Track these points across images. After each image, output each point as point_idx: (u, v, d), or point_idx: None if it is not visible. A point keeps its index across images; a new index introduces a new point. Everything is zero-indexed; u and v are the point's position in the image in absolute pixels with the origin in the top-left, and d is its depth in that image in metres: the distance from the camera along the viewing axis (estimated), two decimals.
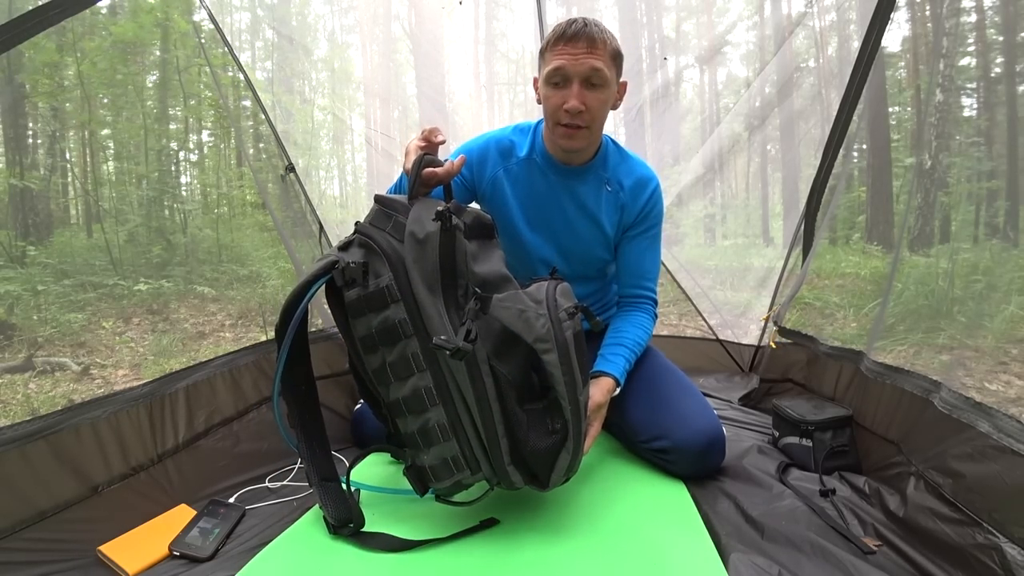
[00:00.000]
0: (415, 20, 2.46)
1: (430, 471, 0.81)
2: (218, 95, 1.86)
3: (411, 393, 0.78)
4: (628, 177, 1.15)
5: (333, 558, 0.81)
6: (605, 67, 1.00)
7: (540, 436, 0.79)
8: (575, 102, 1.00)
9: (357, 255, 0.79)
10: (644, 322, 1.18)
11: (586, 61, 0.99)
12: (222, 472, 1.07)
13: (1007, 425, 0.75)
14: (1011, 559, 0.65)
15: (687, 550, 0.81)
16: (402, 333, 0.76)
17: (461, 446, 0.79)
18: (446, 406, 0.78)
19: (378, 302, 0.76)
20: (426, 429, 0.79)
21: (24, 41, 0.89)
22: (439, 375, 0.77)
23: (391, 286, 0.75)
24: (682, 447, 1.02)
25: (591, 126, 1.05)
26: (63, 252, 2.90)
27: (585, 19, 1.01)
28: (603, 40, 1.00)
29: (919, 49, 3.52)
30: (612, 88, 1.04)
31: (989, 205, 3.06)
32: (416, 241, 0.75)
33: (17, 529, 0.78)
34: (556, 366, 0.76)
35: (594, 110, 1.02)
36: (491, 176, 1.16)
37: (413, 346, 0.76)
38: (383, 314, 0.76)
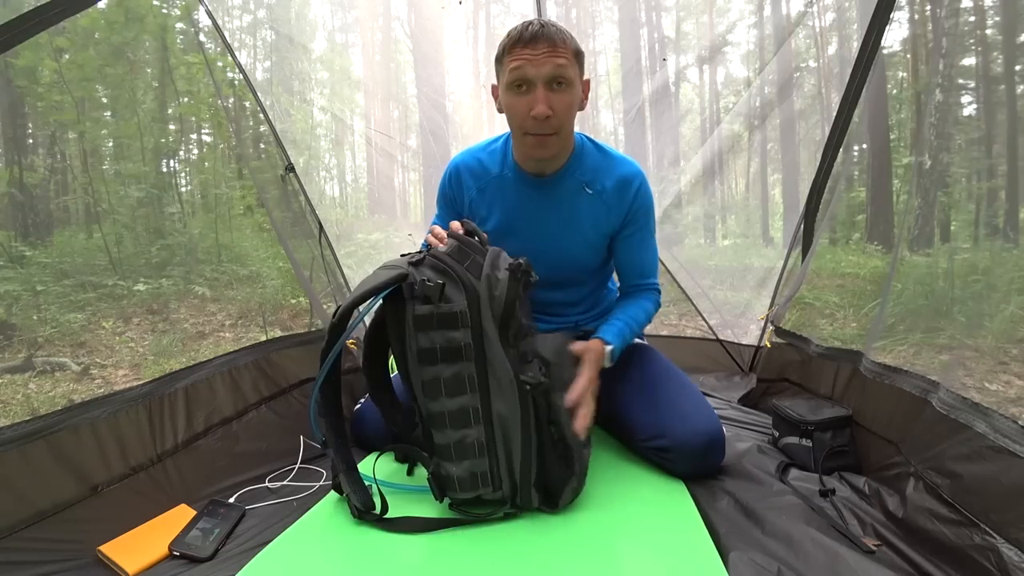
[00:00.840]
0: (415, 20, 2.46)
1: (456, 481, 0.87)
2: (217, 95, 1.86)
3: (458, 409, 0.86)
4: (609, 177, 1.11)
5: (333, 558, 0.81)
6: (569, 65, 0.98)
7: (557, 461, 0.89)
8: (542, 107, 0.96)
9: (430, 275, 0.85)
10: (644, 303, 1.19)
11: (549, 61, 0.96)
12: (222, 472, 1.07)
13: (1004, 426, 0.75)
14: (1008, 560, 0.65)
15: (687, 549, 0.81)
16: (464, 355, 0.84)
17: (491, 464, 0.87)
18: (487, 427, 0.86)
19: (450, 323, 0.84)
20: (463, 444, 0.86)
21: (24, 41, 0.89)
22: (486, 399, 0.86)
23: (465, 312, 0.83)
24: (682, 446, 1.02)
25: (560, 131, 1.02)
26: (63, 252, 2.89)
27: (541, 21, 0.99)
28: (563, 39, 0.98)
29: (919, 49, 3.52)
30: (577, 88, 1.01)
31: (989, 205, 3.06)
32: (492, 282, 0.85)
33: (17, 529, 0.79)
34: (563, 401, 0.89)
35: (561, 114, 0.99)
36: (468, 199, 1.17)
37: (470, 369, 0.84)
38: (451, 334, 0.84)
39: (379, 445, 1.15)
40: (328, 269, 1.86)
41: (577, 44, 1.01)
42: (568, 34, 1.00)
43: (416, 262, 0.87)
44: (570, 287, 1.23)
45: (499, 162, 1.14)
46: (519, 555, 0.80)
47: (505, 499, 0.89)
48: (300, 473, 1.12)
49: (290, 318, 2.88)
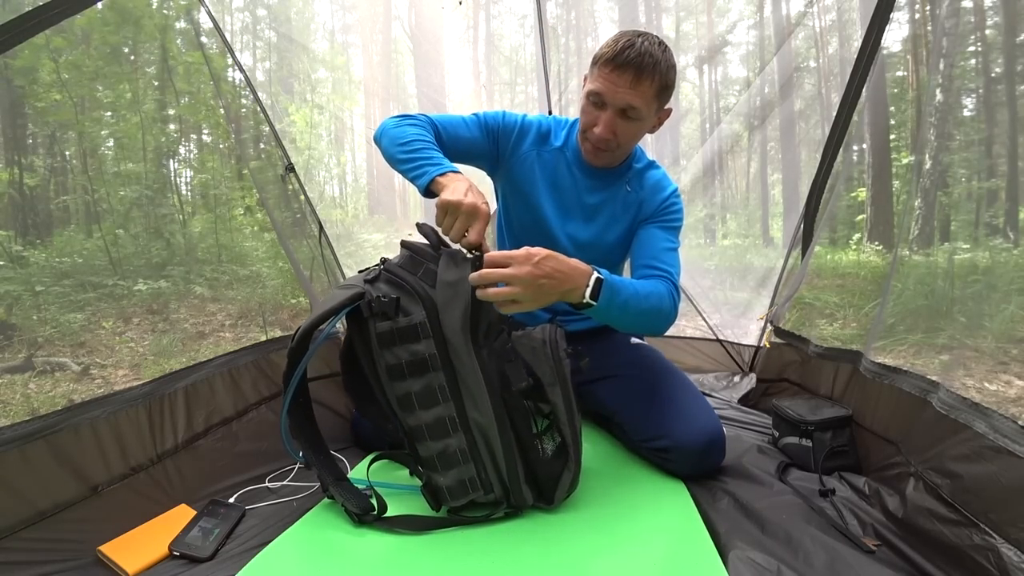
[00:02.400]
0: (415, 20, 2.46)
1: (447, 491, 0.88)
2: (217, 95, 1.86)
3: (434, 421, 0.86)
4: (649, 179, 1.18)
5: (333, 558, 0.81)
6: (643, 105, 0.98)
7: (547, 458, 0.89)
8: (603, 131, 1.00)
9: (386, 290, 0.85)
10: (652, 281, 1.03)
11: (624, 96, 0.97)
12: (222, 472, 1.07)
13: (1003, 426, 0.75)
14: (1007, 560, 0.65)
15: (687, 549, 0.81)
16: (431, 367, 0.84)
17: (478, 469, 0.87)
18: (466, 434, 0.86)
19: (410, 336, 0.83)
20: (446, 454, 0.86)
21: (24, 41, 0.89)
22: (461, 406, 0.85)
23: (424, 323, 0.83)
24: (682, 446, 1.02)
25: (616, 151, 1.07)
26: (63, 252, 2.89)
27: (644, 44, 0.95)
28: (652, 75, 0.95)
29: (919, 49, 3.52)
30: (648, 120, 1.03)
31: (989, 205, 3.06)
32: (448, 286, 0.83)
33: (17, 529, 0.78)
34: (559, 398, 0.87)
35: (623, 140, 1.03)
36: (524, 153, 1.17)
37: (440, 379, 0.84)
38: (414, 348, 0.84)
39: (380, 445, 1.16)
40: (328, 269, 1.86)
41: (669, 77, 0.99)
42: (664, 66, 0.97)
43: (372, 279, 0.87)
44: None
45: (564, 138, 1.18)
46: (519, 555, 0.80)
47: (499, 500, 0.89)
48: (300, 473, 1.12)
49: (290, 318, 2.88)
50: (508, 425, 0.85)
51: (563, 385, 0.88)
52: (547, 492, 0.90)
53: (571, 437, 0.89)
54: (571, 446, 0.89)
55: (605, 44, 1.00)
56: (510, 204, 1.25)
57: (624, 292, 0.92)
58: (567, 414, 0.89)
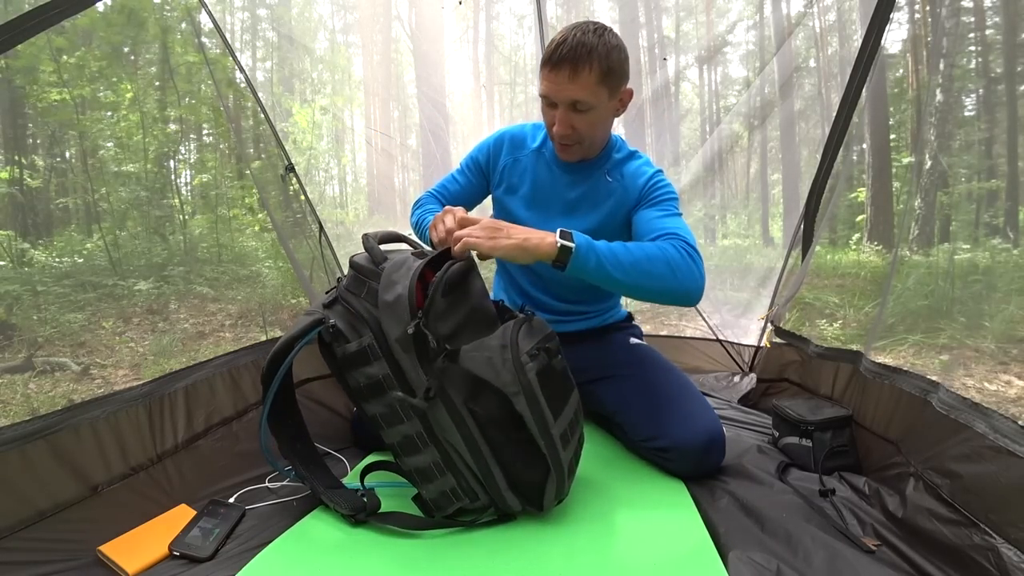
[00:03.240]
0: (415, 20, 2.46)
1: (432, 503, 0.88)
2: (218, 95, 1.86)
3: (403, 439, 0.85)
4: (629, 168, 1.19)
5: (333, 558, 0.81)
6: (587, 94, 1.00)
7: (528, 465, 0.85)
8: (560, 128, 1.04)
9: (338, 315, 0.85)
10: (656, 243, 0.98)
11: (566, 92, 1.00)
12: (222, 472, 1.07)
13: (1003, 426, 0.75)
14: (1007, 560, 0.65)
15: (687, 549, 0.81)
16: (387, 387, 0.83)
17: (457, 480, 0.86)
18: (438, 447, 0.84)
19: (362, 360, 0.83)
20: (422, 468, 0.86)
21: (24, 41, 0.89)
22: (426, 421, 0.83)
23: (372, 345, 0.82)
24: (682, 446, 1.02)
25: (582, 142, 1.09)
26: (63, 252, 2.90)
27: (577, 36, 0.96)
28: (588, 63, 0.97)
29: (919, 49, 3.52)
30: (604, 106, 1.05)
31: (989, 205, 3.06)
32: (387, 306, 0.81)
33: (17, 529, 0.79)
34: (525, 408, 0.81)
35: (583, 131, 1.06)
36: (503, 165, 1.24)
37: (399, 398, 0.82)
38: (368, 370, 0.83)
39: (380, 444, 1.15)
40: (328, 269, 1.86)
41: (611, 60, 0.99)
42: (601, 51, 0.97)
43: (329, 303, 0.87)
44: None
45: (540, 140, 1.23)
46: (519, 555, 0.80)
47: (487, 506, 0.88)
48: None
49: (290, 318, 2.88)
50: (475, 437, 0.82)
51: (528, 393, 0.80)
52: (533, 499, 0.88)
53: (547, 448, 0.82)
54: (548, 457, 0.83)
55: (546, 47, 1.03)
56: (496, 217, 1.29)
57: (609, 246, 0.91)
58: (538, 424, 0.81)
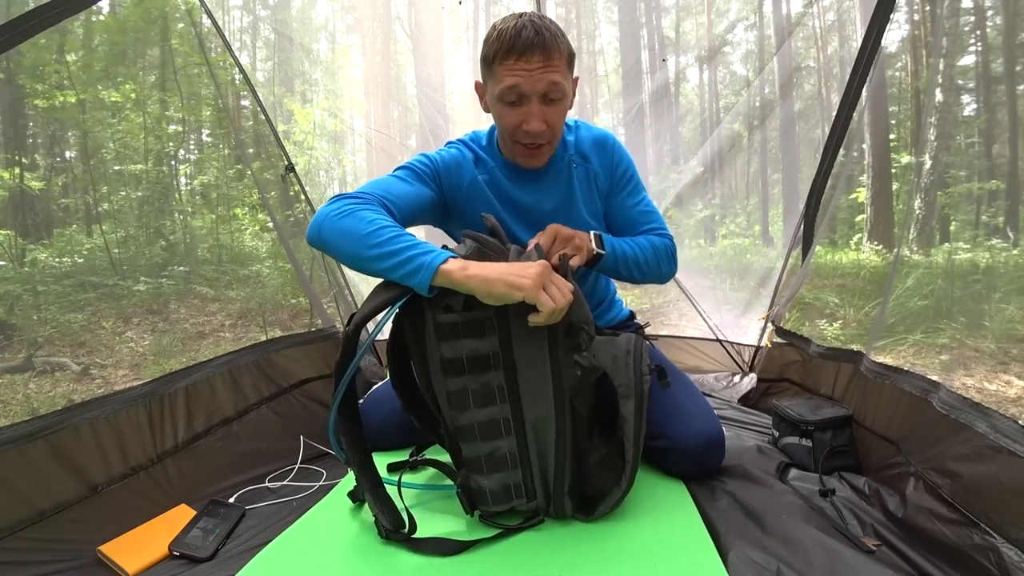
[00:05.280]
0: (415, 20, 2.46)
1: (489, 495, 0.84)
2: (218, 95, 1.87)
3: (488, 421, 0.82)
4: (586, 144, 1.10)
5: (333, 558, 0.81)
6: (563, 78, 0.92)
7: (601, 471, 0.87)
8: (537, 124, 0.93)
9: None
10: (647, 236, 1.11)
11: (543, 77, 0.90)
12: (222, 472, 1.07)
13: (1004, 425, 0.75)
14: (1007, 560, 0.65)
15: (687, 549, 0.81)
16: (492, 365, 0.80)
17: (524, 475, 0.84)
18: (519, 437, 0.82)
19: (475, 331, 0.79)
20: (495, 456, 0.83)
21: (24, 41, 0.89)
22: (518, 408, 0.81)
23: (491, 319, 0.78)
24: (682, 447, 1.02)
25: (553, 140, 1.00)
26: (63, 252, 2.90)
27: (533, 21, 0.90)
28: (557, 47, 0.91)
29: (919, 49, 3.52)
30: (569, 95, 0.98)
31: (989, 205, 3.06)
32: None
33: (17, 529, 0.79)
34: (631, 413, 0.83)
35: (555, 125, 0.97)
36: (469, 182, 1.07)
37: (499, 378, 0.80)
38: (476, 343, 0.79)
39: (381, 444, 1.15)
40: (328, 269, 1.86)
41: (569, 45, 0.95)
42: (560, 35, 0.93)
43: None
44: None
45: (489, 156, 1.09)
46: (518, 555, 0.79)
47: (539, 509, 0.86)
48: (300, 473, 1.12)
49: (290, 318, 2.88)
50: (567, 432, 0.82)
51: (639, 400, 0.83)
52: (591, 506, 0.87)
53: (632, 454, 0.84)
54: (630, 463, 0.84)
55: (491, 39, 0.93)
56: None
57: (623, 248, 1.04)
58: (635, 430, 0.83)
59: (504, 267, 0.76)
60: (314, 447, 1.21)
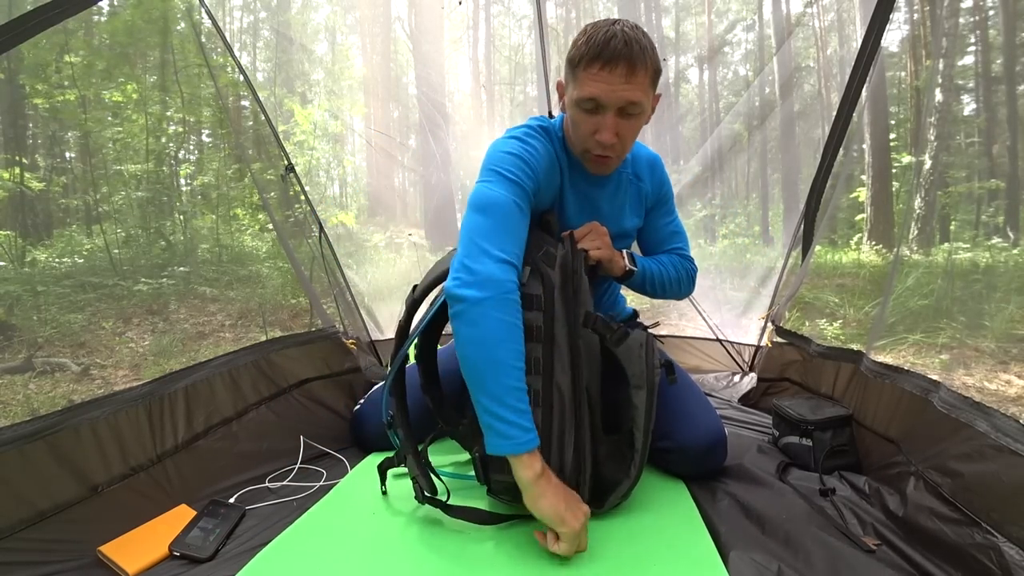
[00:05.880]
0: (415, 20, 2.46)
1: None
2: (218, 96, 1.87)
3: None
4: (639, 161, 1.15)
5: (333, 558, 0.81)
6: (643, 96, 0.90)
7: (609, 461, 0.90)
8: (608, 135, 0.91)
9: None
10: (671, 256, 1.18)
11: (623, 94, 0.88)
12: (222, 472, 1.07)
13: (1005, 424, 0.75)
14: (1009, 559, 0.65)
15: (687, 549, 0.81)
16: (535, 337, 0.86)
17: (544, 447, 0.82)
18: (546, 411, 0.86)
19: (527, 303, 0.85)
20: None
21: (24, 41, 0.89)
22: (548, 382, 0.86)
23: (539, 296, 0.87)
24: (684, 447, 1.02)
25: (623, 154, 0.98)
26: (63, 252, 2.90)
27: (625, 31, 0.87)
28: (644, 62, 0.87)
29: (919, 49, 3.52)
30: (648, 110, 0.95)
31: (989, 205, 3.06)
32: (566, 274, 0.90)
33: (17, 529, 0.78)
34: (643, 402, 0.89)
35: (627, 139, 0.95)
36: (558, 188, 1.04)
37: (538, 351, 0.86)
38: (526, 315, 0.85)
39: (382, 445, 1.15)
40: (328, 269, 1.86)
41: (658, 60, 0.92)
42: (650, 48, 0.89)
43: None
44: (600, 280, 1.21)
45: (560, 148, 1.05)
46: (517, 555, 0.80)
47: None
48: (300, 473, 1.12)
49: (290, 318, 2.89)
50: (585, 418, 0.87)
51: (650, 391, 0.89)
52: (601, 496, 0.90)
53: (642, 443, 0.89)
54: (639, 452, 0.89)
55: (580, 42, 0.90)
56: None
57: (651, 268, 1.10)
58: (646, 419, 0.89)
59: (562, 499, 0.77)
60: (314, 447, 1.21)
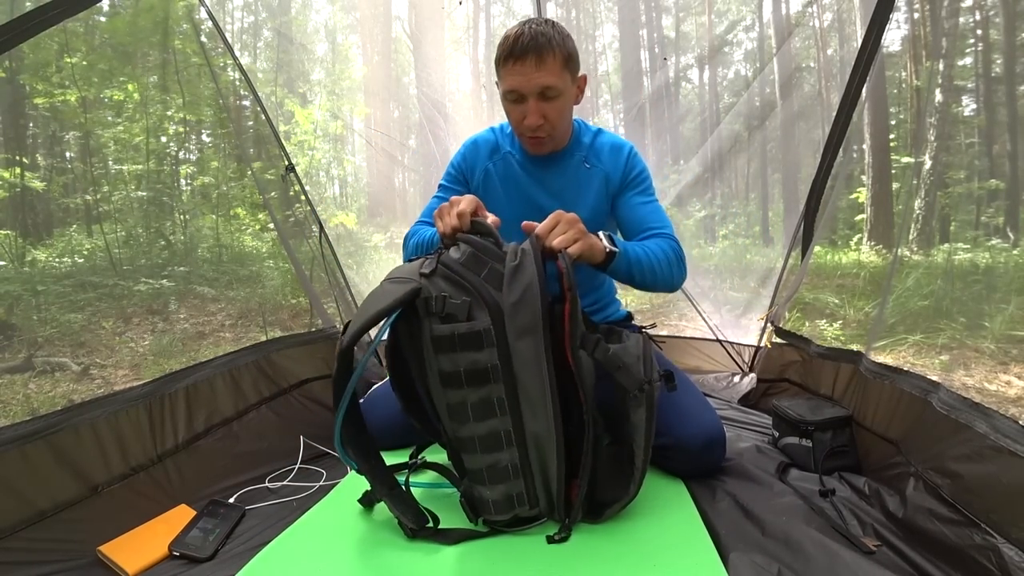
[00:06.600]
0: (415, 20, 2.46)
1: (492, 504, 0.83)
2: (218, 95, 1.87)
3: (488, 433, 0.80)
4: (603, 149, 1.19)
5: (333, 558, 0.81)
6: (556, 79, 1.01)
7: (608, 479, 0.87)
8: (533, 119, 1.04)
9: (443, 287, 0.78)
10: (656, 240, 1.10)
11: (536, 80, 1.00)
12: (222, 472, 1.07)
13: (1004, 426, 0.75)
14: (1008, 560, 0.65)
15: (687, 549, 0.81)
16: (492, 378, 0.78)
17: (527, 485, 0.83)
18: (520, 448, 0.81)
19: (474, 343, 0.77)
20: (496, 468, 0.81)
21: (25, 41, 0.89)
22: (518, 420, 0.80)
23: (489, 330, 0.76)
24: (682, 445, 1.02)
25: (553, 132, 1.09)
26: (63, 252, 2.90)
27: (531, 27, 1.00)
28: (551, 50, 0.99)
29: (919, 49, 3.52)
30: (569, 92, 1.06)
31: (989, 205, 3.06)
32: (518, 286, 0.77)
33: (17, 529, 0.79)
34: (642, 421, 0.83)
35: (553, 119, 1.06)
36: (482, 170, 1.22)
37: (499, 391, 0.78)
38: (475, 356, 0.77)
39: (381, 444, 1.15)
40: (328, 269, 1.86)
41: (568, 47, 1.03)
42: (558, 39, 1.01)
43: (428, 272, 0.79)
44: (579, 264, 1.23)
45: (508, 142, 1.21)
46: (517, 555, 0.80)
47: (541, 515, 0.86)
48: (300, 473, 1.12)
49: (290, 318, 2.88)
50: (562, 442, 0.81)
51: (649, 408, 0.83)
52: (598, 509, 0.87)
53: (641, 461, 0.84)
54: (639, 470, 0.85)
55: (499, 46, 1.04)
56: None
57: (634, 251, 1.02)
58: (646, 437, 0.84)
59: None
60: (314, 447, 1.21)
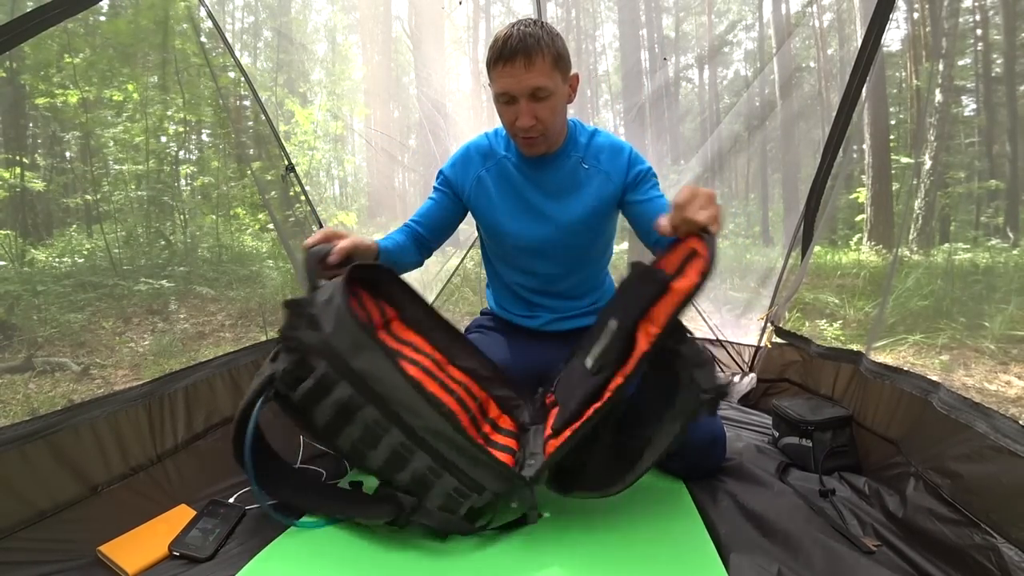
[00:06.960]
0: (415, 20, 2.46)
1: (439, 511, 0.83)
2: (218, 96, 1.87)
3: (390, 454, 0.82)
4: (601, 150, 1.18)
5: (333, 558, 0.81)
6: (546, 79, 1.02)
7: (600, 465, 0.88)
8: (525, 119, 1.04)
9: (287, 361, 0.83)
10: None
11: (526, 81, 1.01)
12: (222, 472, 1.07)
13: (1004, 426, 0.75)
14: (1008, 559, 0.65)
15: (687, 549, 0.81)
16: (356, 405, 0.81)
17: (456, 475, 0.83)
18: (424, 449, 0.82)
19: (324, 388, 0.81)
20: (418, 477, 0.83)
21: (26, 40, 0.90)
22: (405, 427, 0.81)
23: (328, 372, 0.80)
24: (683, 445, 1.02)
25: (546, 132, 1.09)
26: (63, 252, 2.90)
27: (520, 29, 1.00)
28: (540, 51, 0.99)
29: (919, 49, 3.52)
30: (560, 92, 1.06)
31: (988, 206, 3.06)
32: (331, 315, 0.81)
33: (17, 529, 0.79)
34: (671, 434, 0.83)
35: (545, 119, 1.06)
36: (474, 177, 1.20)
37: (371, 413, 0.81)
38: (333, 397, 0.81)
39: None
40: None
41: (557, 46, 1.03)
42: (547, 39, 1.01)
43: (274, 357, 0.86)
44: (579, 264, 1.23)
45: (503, 146, 1.21)
46: (517, 555, 0.80)
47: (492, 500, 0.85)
48: None
49: None
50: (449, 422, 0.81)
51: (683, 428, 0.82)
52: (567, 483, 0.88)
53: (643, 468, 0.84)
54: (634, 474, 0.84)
55: (489, 49, 1.05)
56: (482, 235, 1.27)
57: None
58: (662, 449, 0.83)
59: None
60: (314, 447, 1.21)
